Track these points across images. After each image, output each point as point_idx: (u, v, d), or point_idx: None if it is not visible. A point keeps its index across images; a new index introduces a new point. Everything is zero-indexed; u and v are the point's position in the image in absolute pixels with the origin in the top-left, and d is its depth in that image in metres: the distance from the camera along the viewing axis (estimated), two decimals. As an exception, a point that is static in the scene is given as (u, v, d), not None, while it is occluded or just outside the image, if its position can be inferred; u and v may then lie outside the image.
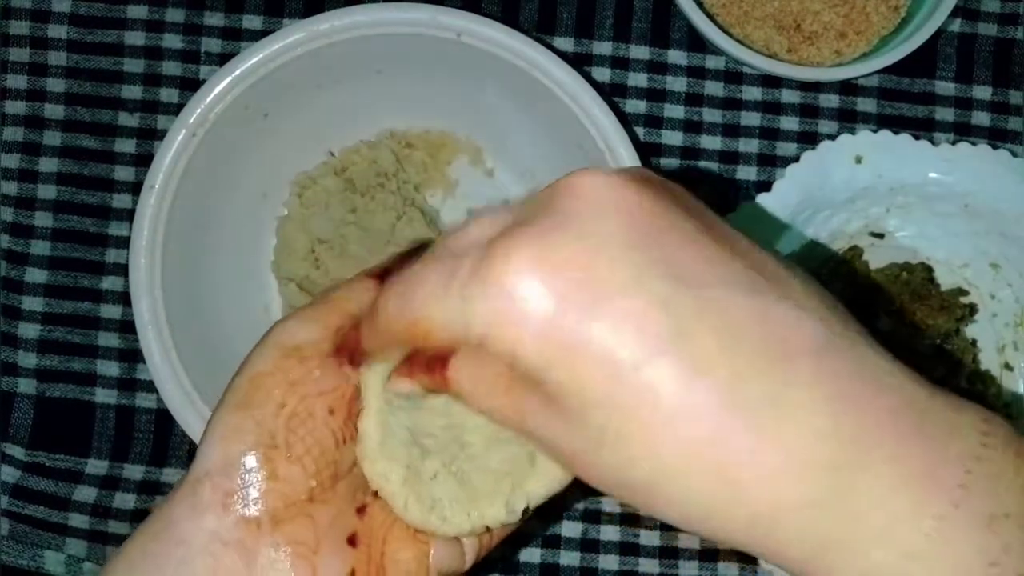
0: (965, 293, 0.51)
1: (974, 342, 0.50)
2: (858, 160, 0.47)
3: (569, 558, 0.50)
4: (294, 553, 0.30)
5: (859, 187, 0.48)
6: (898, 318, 0.49)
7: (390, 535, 0.32)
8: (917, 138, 0.47)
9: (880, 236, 0.50)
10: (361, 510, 0.32)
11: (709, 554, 0.50)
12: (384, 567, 0.32)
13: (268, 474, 0.30)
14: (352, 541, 0.31)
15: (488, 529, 0.32)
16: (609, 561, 0.50)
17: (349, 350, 0.32)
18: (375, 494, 0.32)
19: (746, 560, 0.50)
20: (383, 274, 0.33)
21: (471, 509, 0.32)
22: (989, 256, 0.50)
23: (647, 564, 0.50)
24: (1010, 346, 0.51)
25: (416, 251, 0.35)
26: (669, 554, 0.50)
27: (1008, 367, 0.51)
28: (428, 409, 0.31)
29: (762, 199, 0.46)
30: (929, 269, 0.50)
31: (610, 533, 0.50)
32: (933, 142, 0.47)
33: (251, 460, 0.30)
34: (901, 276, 0.50)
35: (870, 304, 0.50)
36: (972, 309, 0.51)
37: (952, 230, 0.50)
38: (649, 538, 0.50)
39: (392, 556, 0.32)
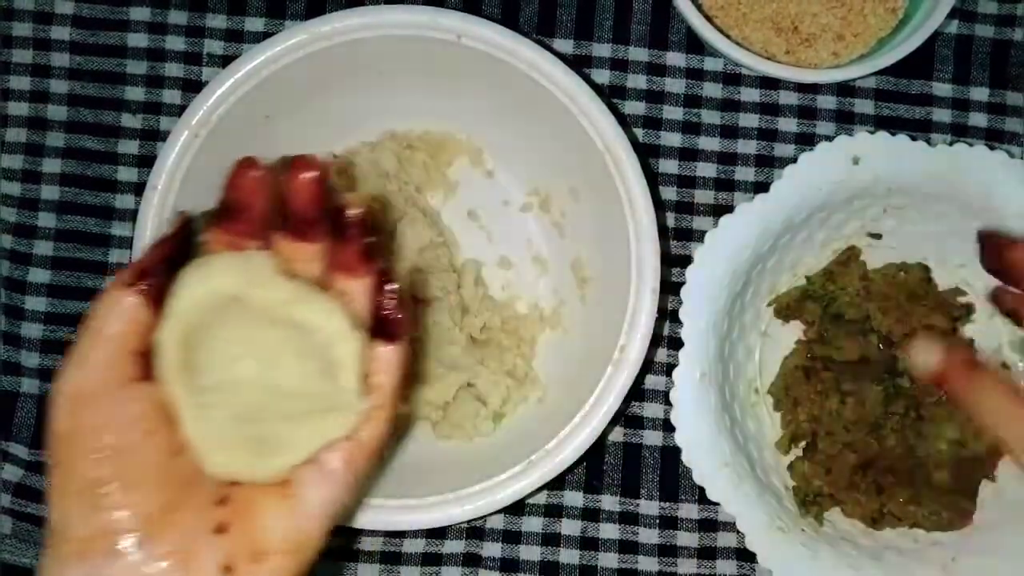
0: (962, 293, 0.51)
1: (971, 341, 0.51)
2: (855, 161, 0.47)
3: (569, 556, 0.51)
4: (171, 563, 0.32)
5: (857, 188, 0.48)
6: (895, 318, 0.50)
7: (258, 510, 0.34)
8: (914, 139, 0.48)
9: (877, 236, 0.51)
10: (223, 500, 0.34)
11: (707, 552, 0.51)
12: (262, 539, 0.33)
13: (111, 508, 0.31)
14: (221, 529, 0.33)
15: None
16: (608, 559, 0.51)
17: (139, 368, 0.33)
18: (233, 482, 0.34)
19: (744, 558, 0.51)
20: (136, 280, 0.33)
21: (290, 445, 0.35)
22: (986, 256, 0.51)
23: (646, 562, 0.51)
24: (1007, 345, 0.51)
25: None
26: (668, 552, 0.51)
27: (1005, 366, 0.51)
28: (239, 366, 0.34)
29: (760, 200, 0.47)
30: (926, 269, 0.51)
31: (609, 531, 0.51)
32: (930, 143, 0.48)
33: (85, 509, 0.31)
34: (898, 276, 0.51)
35: (867, 304, 0.50)
36: (969, 309, 0.51)
37: (949, 230, 0.50)
38: (648, 536, 0.51)
39: (264, 525, 0.34)
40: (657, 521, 0.51)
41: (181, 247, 0.34)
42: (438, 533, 0.50)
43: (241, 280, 0.34)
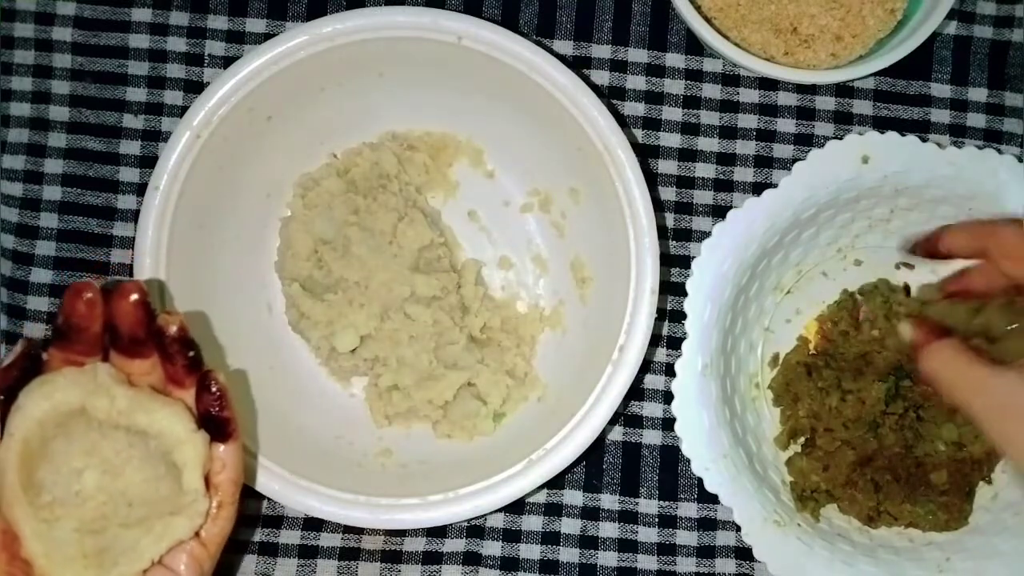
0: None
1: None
2: (865, 160, 0.47)
3: (568, 554, 0.51)
4: None
5: (864, 187, 0.48)
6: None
7: None
8: (924, 140, 0.48)
9: (910, 267, 0.52)
10: None
11: (706, 551, 0.51)
12: None
13: None
14: None
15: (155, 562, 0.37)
16: (608, 558, 0.51)
17: None
18: None
19: (743, 556, 0.51)
20: None
21: (135, 554, 0.36)
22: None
23: (645, 560, 0.51)
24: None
25: None
26: (667, 551, 0.51)
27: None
28: (83, 478, 0.36)
29: (768, 195, 0.47)
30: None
31: (609, 530, 0.51)
32: (938, 145, 0.48)
33: None
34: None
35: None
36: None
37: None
38: (647, 535, 0.51)
39: None
40: (656, 520, 0.51)
41: (20, 375, 0.36)
42: (439, 532, 0.51)
43: (83, 392, 0.36)
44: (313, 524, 0.51)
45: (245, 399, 0.47)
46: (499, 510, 0.48)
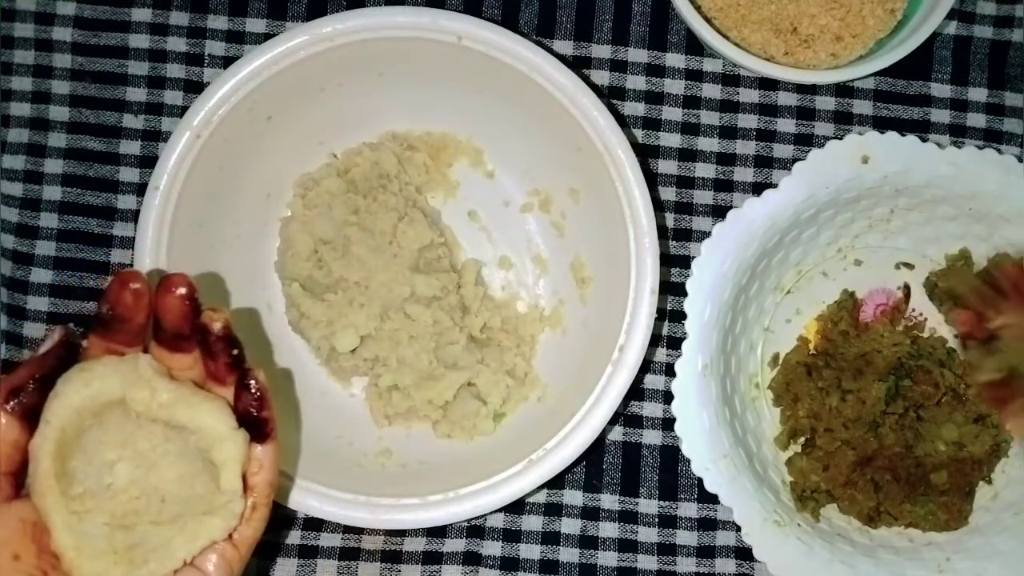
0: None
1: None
2: (865, 160, 0.47)
3: (568, 554, 0.51)
4: None
5: (864, 187, 0.48)
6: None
7: None
8: (924, 140, 0.48)
9: (910, 267, 0.52)
10: None
11: (706, 551, 0.51)
12: None
13: None
14: None
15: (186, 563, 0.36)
16: (608, 558, 0.51)
17: (6, 488, 0.34)
18: None
19: (743, 556, 0.51)
20: (6, 398, 0.34)
21: (170, 551, 0.35)
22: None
23: (645, 560, 0.51)
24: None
25: None
26: (667, 551, 0.51)
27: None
28: (115, 467, 0.35)
29: (769, 195, 0.47)
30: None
31: (609, 530, 0.51)
32: (937, 145, 0.48)
33: None
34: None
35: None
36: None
37: (955, 233, 0.50)
38: (647, 535, 0.51)
39: None
40: (656, 520, 0.51)
41: (57, 364, 0.36)
42: (439, 532, 0.51)
43: (124, 382, 0.35)
44: (313, 524, 0.51)
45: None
46: (499, 510, 0.48)
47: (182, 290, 0.36)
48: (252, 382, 0.37)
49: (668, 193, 0.52)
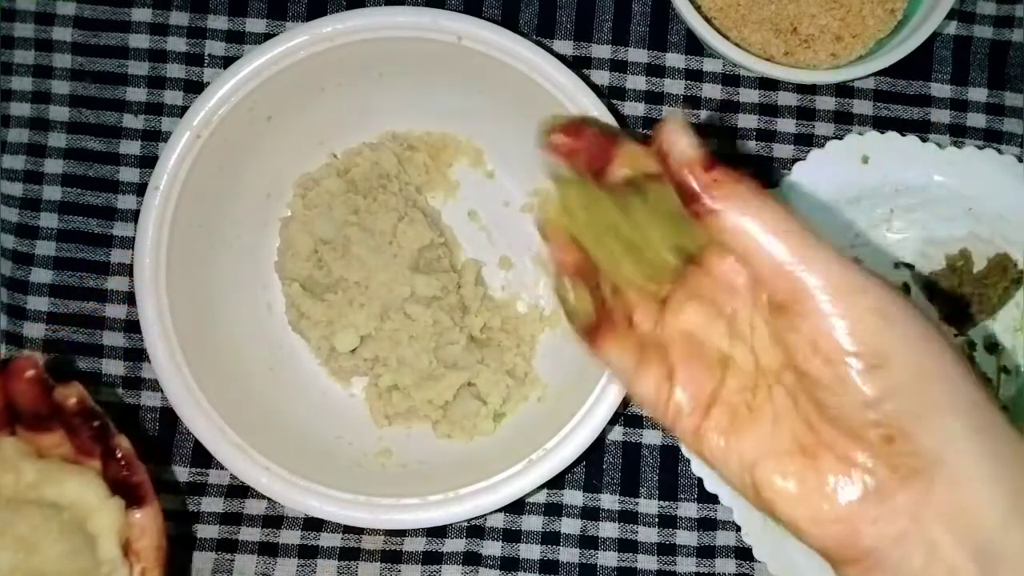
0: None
1: (973, 344, 0.51)
2: (865, 160, 0.47)
3: (568, 554, 0.51)
4: None
5: (864, 187, 0.48)
6: None
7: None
8: (924, 140, 0.48)
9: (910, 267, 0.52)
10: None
11: (707, 551, 0.51)
12: None
13: None
14: None
15: None
16: (608, 558, 0.51)
17: None
18: None
19: (743, 556, 0.51)
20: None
21: None
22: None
23: (645, 560, 0.51)
24: (1008, 350, 0.51)
25: None
26: (667, 551, 0.51)
27: (1006, 371, 0.51)
28: None
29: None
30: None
31: (609, 530, 0.51)
32: (937, 145, 0.48)
33: None
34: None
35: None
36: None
37: (955, 234, 0.50)
38: (647, 535, 0.51)
39: None
40: (656, 520, 0.51)
41: None
42: (438, 532, 0.51)
43: None
44: (313, 524, 0.51)
45: (246, 400, 0.47)
46: (499, 510, 0.48)
47: (30, 372, 0.36)
48: (118, 450, 0.37)
49: (668, 193, 0.52)
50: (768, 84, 0.53)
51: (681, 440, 0.31)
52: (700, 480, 0.47)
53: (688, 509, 0.51)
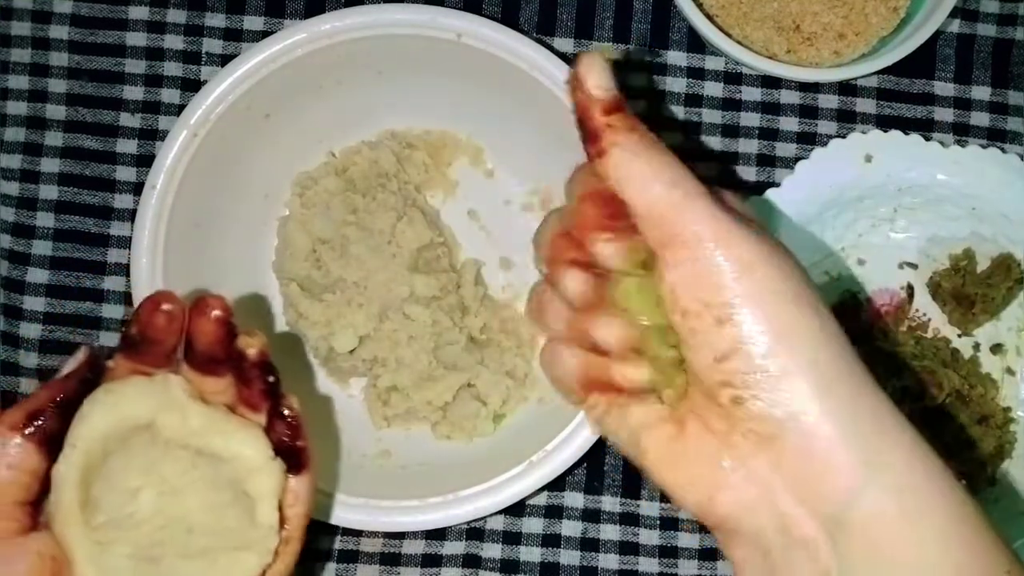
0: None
1: (977, 345, 0.51)
2: (868, 159, 0.47)
3: (569, 557, 0.50)
4: None
5: (868, 186, 0.48)
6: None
7: None
8: (927, 139, 0.48)
9: (913, 266, 0.51)
10: None
11: (708, 553, 0.51)
12: None
13: None
14: None
15: None
16: (609, 560, 0.50)
17: (24, 519, 0.32)
18: None
19: (746, 559, 0.50)
20: (26, 423, 0.33)
21: None
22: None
23: (647, 563, 0.50)
24: (1012, 351, 0.51)
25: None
26: (669, 553, 0.51)
27: (1010, 371, 0.51)
28: (141, 503, 0.33)
29: (771, 194, 0.47)
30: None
31: (610, 532, 0.51)
32: (940, 143, 0.48)
33: None
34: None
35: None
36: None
37: (959, 233, 0.50)
38: (649, 537, 0.51)
39: None
40: (658, 522, 0.51)
41: (80, 386, 0.34)
42: (438, 534, 0.50)
43: (154, 406, 0.33)
44: (311, 526, 0.50)
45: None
46: (499, 512, 0.48)
47: (217, 312, 0.34)
48: (287, 410, 0.35)
49: (669, 192, 0.52)
50: (770, 82, 0.52)
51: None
52: (702, 482, 0.47)
53: (690, 511, 0.51)
